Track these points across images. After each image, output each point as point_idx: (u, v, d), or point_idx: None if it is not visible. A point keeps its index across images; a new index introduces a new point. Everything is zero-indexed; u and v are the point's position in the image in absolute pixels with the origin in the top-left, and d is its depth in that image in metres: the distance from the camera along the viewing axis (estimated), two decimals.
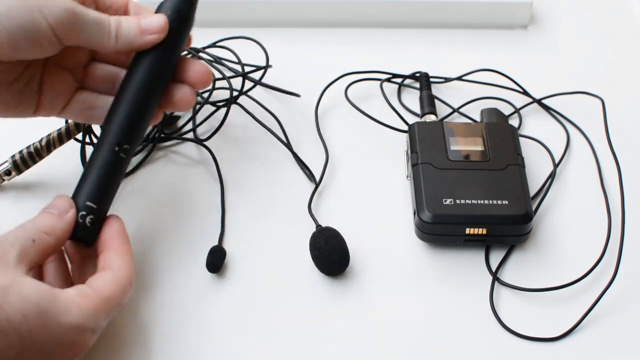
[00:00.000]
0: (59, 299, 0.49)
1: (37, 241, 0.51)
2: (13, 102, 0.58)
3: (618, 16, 0.84)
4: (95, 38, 0.56)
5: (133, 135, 0.57)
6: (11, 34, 0.53)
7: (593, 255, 0.62)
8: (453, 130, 0.67)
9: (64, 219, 0.54)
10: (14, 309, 0.46)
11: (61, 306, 0.49)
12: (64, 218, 0.54)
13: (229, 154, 0.70)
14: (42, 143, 0.66)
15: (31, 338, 0.47)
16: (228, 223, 0.65)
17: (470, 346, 0.58)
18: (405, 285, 0.61)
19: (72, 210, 0.54)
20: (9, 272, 0.48)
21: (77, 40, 0.55)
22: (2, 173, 0.66)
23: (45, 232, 0.52)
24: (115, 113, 0.57)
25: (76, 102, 0.61)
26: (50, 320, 0.48)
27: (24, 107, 0.59)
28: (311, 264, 0.61)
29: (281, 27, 0.81)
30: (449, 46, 0.81)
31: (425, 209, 0.61)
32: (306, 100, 0.74)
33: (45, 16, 0.53)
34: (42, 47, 0.54)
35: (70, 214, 0.54)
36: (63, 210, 0.54)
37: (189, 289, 0.61)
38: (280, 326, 0.59)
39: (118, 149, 0.56)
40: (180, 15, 0.58)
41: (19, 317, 0.46)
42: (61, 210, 0.54)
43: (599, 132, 0.72)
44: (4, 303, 0.46)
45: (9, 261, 0.49)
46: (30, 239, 0.51)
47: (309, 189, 0.67)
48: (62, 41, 0.55)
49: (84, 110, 0.61)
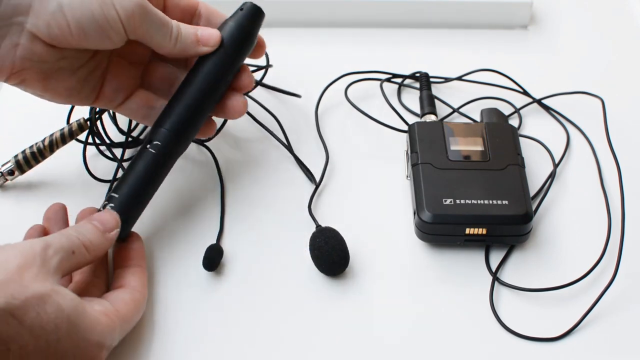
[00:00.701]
0: (88, 313, 0.50)
1: (76, 254, 0.52)
2: (76, 88, 0.60)
3: (618, 16, 0.84)
4: (158, 37, 0.59)
5: (180, 138, 0.60)
6: (81, 21, 0.55)
7: (593, 255, 0.62)
8: (453, 130, 0.67)
9: (106, 237, 0.55)
10: (49, 317, 0.48)
11: (89, 322, 0.50)
12: (107, 236, 0.55)
13: (229, 154, 0.70)
14: (44, 143, 0.66)
15: (57, 347, 0.48)
16: (228, 223, 0.65)
17: (470, 346, 0.58)
18: (405, 285, 0.61)
19: (117, 230, 0.56)
20: (49, 279, 0.49)
21: (143, 36, 0.58)
22: (5, 173, 0.66)
23: (86, 247, 0.53)
24: (166, 115, 0.60)
25: (136, 98, 0.63)
26: (78, 335, 0.49)
27: (86, 94, 0.61)
28: (311, 264, 0.61)
29: (281, 27, 0.81)
30: (449, 46, 0.81)
31: (425, 209, 0.61)
32: (306, 100, 0.74)
33: (116, 8, 0.55)
34: (109, 37, 0.57)
35: (113, 233, 0.56)
36: (109, 228, 0.55)
37: (185, 286, 0.61)
38: (279, 326, 0.59)
39: (156, 150, 0.59)
40: (242, 31, 0.62)
41: (52, 326, 0.48)
42: (106, 228, 0.55)
43: (599, 132, 0.72)
44: (42, 311, 0.47)
45: (50, 269, 0.50)
46: (72, 251, 0.52)
47: (309, 189, 0.67)
48: (129, 34, 0.57)
49: (141, 108, 0.63)
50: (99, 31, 0.56)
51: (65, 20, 0.55)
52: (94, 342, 0.50)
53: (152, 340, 0.57)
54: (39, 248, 0.50)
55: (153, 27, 0.58)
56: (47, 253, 0.50)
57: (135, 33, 0.58)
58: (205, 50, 0.61)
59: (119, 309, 0.53)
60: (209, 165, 0.69)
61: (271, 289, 0.61)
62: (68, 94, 0.60)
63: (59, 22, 0.55)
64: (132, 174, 0.59)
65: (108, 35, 0.56)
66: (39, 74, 0.57)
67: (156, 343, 0.57)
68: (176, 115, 0.60)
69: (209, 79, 0.61)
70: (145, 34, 0.58)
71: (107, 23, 0.56)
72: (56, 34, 0.55)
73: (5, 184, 0.67)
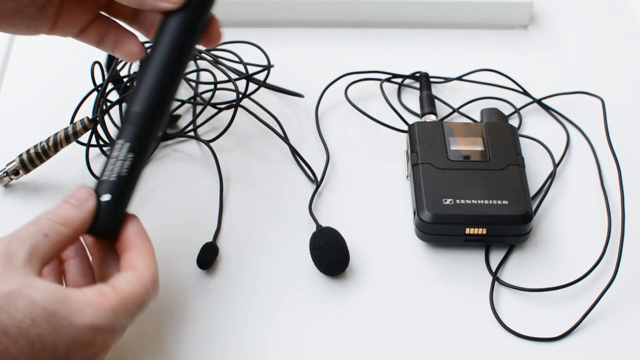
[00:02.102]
0: (72, 299, 0.47)
1: (50, 235, 0.49)
2: (27, 23, 0.57)
3: (618, 16, 0.84)
4: None
5: (154, 120, 0.54)
6: None
7: (593, 255, 0.62)
8: (453, 130, 0.67)
9: (81, 209, 0.51)
10: (22, 314, 0.45)
11: (73, 307, 0.47)
12: (82, 208, 0.51)
13: (229, 154, 0.70)
14: (49, 142, 0.66)
15: (42, 342, 0.45)
16: (228, 222, 0.65)
17: (470, 346, 0.58)
18: (405, 285, 0.61)
19: (92, 199, 0.52)
20: (17, 275, 0.46)
21: None
22: (9, 172, 0.66)
23: (61, 224, 0.50)
24: (137, 96, 0.55)
25: (94, 27, 0.59)
26: (60, 322, 0.46)
27: (38, 26, 0.58)
28: (311, 264, 0.61)
29: (281, 27, 0.81)
30: (449, 46, 0.81)
31: (425, 209, 0.61)
32: (306, 100, 0.74)
33: None
34: None
35: (89, 203, 0.52)
36: (82, 199, 0.52)
37: (179, 284, 0.61)
38: (278, 326, 0.59)
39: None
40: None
41: (28, 322, 0.45)
42: (79, 200, 0.52)
43: (599, 132, 0.72)
44: (13, 309, 0.45)
45: (17, 263, 0.47)
46: (42, 234, 0.49)
47: (309, 188, 0.67)
48: None
49: (96, 35, 0.60)
50: None
51: None
52: (84, 326, 0.46)
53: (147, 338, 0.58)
54: (1, 246, 0.47)
55: None
56: (11, 248, 0.47)
57: None
58: (166, 7, 0.55)
59: (119, 288, 0.49)
60: (209, 163, 0.69)
61: (270, 289, 0.61)
62: (21, 28, 0.57)
63: None
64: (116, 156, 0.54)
65: None
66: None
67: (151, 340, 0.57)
68: (147, 97, 0.54)
69: (176, 48, 0.55)
70: None
71: None
72: None
73: (10, 183, 0.67)
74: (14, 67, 0.77)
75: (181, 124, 0.72)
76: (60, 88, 0.75)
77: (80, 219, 0.51)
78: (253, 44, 0.75)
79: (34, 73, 0.77)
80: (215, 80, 0.72)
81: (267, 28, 0.81)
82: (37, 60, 0.79)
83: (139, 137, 0.53)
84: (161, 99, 0.54)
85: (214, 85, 0.72)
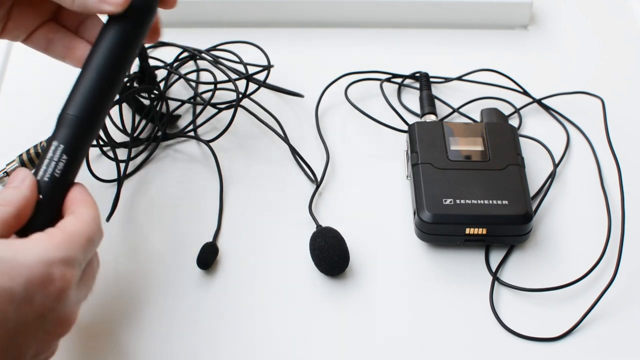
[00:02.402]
0: (16, 243, 0.46)
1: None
2: None
3: (618, 16, 0.84)
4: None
5: (90, 127, 0.54)
6: None
7: (593, 255, 0.62)
8: (453, 130, 0.67)
9: (21, 188, 0.50)
10: None
11: (19, 248, 0.46)
12: (22, 187, 0.50)
13: (229, 154, 0.70)
14: None
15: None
16: (228, 222, 0.65)
17: (470, 346, 0.58)
18: (405, 285, 0.61)
19: (29, 178, 0.51)
20: None
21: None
22: (10, 172, 0.66)
23: (2, 205, 0.49)
24: (72, 99, 0.55)
25: (41, 31, 0.60)
26: (8, 265, 0.45)
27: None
28: (311, 264, 0.61)
29: (281, 27, 0.81)
30: (449, 46, 0.81)
31: (425, 209, 0.61)
32: (306, 100, 0.74)
33: None
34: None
35: (27, 182, 0.51)
36: (20, 179, 0.51)
37: (179, 284, 0.61)
38: (278, 326, 0.59)
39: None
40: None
41: None
42: (16, 181, 0.51)
43: (599, 132, 0.72)
44: None
45: None
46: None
47: (309, 188, 0.67)
48: None
49: (43, 41, 0.60)
50: None
51: None
52: (35, 261, 0.45)
53: (147, 338, 0.58)
54: None
55: None
56: None
57: None
58: (109, 10, 0.54)
59: (62, 227, 0.49)
60: (209, 163, 0.69)
61: (270, 289, 0.61)
62: None
63: None
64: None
65: None
66: None
67: (150, 340, 0.57)
68: (83, 100, 0.54)
69: (115, 53, 0.55)
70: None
71: None
72: None
73: None
74: (14, 67, 0.77)
75: (181, 124, 0.72)
76: (60, 88, 0.75)
77: (21, 197, 0.50)
78: (253, 44, 0.75)
79: (34, 73, 0.77)
80: (215, 80, 0.72)
81: (267, 28, 0.81)
82: (37, 60, 0.78)
83: (74, 140, 0.53)
84: (97, 102, 0.54)
85: (214, 85, 0.72)
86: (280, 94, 0.74)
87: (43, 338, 0.47)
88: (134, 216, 0.65)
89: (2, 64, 0.77)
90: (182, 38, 0.77)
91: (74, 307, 0.49)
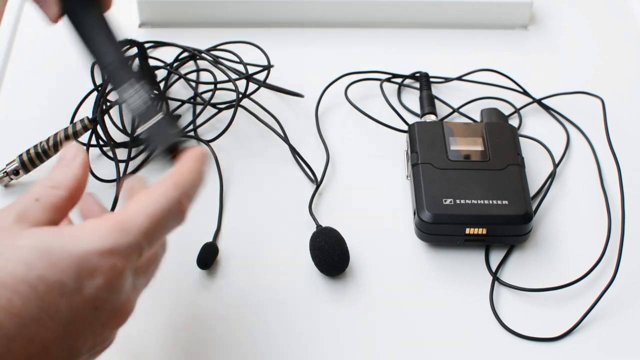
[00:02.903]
0: (64, 231, 0.43)
1: (42, 199, 0.46)
2: None
3: (618, 16, 0.84)
4: None
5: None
6: None
7: (593, 255, 0.62)
8: (453, 130, 0.67)
9: (72, 166, 0.48)
10: (13, 262, 0.41)
11: (66, 237, 0.43)
12: (72, 165, 0.48)
13: (229, 154, 0.70)
14: (49, 143, 0.66)
15: (45, 283, 0.41)
16: (227, 222, 0.65)
17: (470, 346, 0.58)
18: (405, 285, 0.61)
19: (81, 154, 0.48)
20: (2, 234, 0.43)
21: None
22: (10, 172, 0.66)
23: (52, 187, 0.47)
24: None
25: None
26: (58, 256, 0.42)
27: None
28: (311, 264, 0.61)
29: (281, 27, 0.81)
30: (449, 46, 0.81)
31: (425, 209, 0.61)
32: (306, 100, 0.74)
33: None
34: None
35: (78, 158, 0.48)
36: (70, 157, 0.48)
37: (179, 284, 0.61)
38: (278, 326, 0.59)
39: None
40: None
41: (22, 267, 0.41)
42: (67, 158, 0.48)
43: (599, 132, 0.72)
44: (1, 261, 0.41)
45: (3, 227, 0.44)
46: (33, 199, 0.46)
47: (309, 188, 0.67)
48: None
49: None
50: None
51: None
52: (84, 251, 0.42)
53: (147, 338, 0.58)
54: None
55: None
56: (0, 217, 0.45)
57: None
58: None
59: (125, 209, 0.45)
60: (209, 163, 0.69)
61: (270, 289, 0.61)
62: None
63: None
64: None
65: None
66: None
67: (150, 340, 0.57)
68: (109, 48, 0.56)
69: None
70: None
71: None
72: None
73: (10, 183, 0.67)
74: (14, 67, 0.77)
75: (181, 124, 0.72)
76: (60, 88, 0.75)
77: (71, 177, 0.47)
78: (253, 44, 0.75)
79: (34, 73, 0.77)
80: (215, 80, 0.72)
81: (267, 28, 0.81)
82: (37, 60, 0.79)
83: (131, 72, 0.55)
84: (117, 45, 0.56)
85: (214, 85, 0.72)
86: (279, 95, 0.74)
87: (99, 330, 0.44)
88: None
89: (3, 63, 0.77)
90: (182, 38, 0.77)
91: (131, 296, 0.46)
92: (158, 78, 0.73)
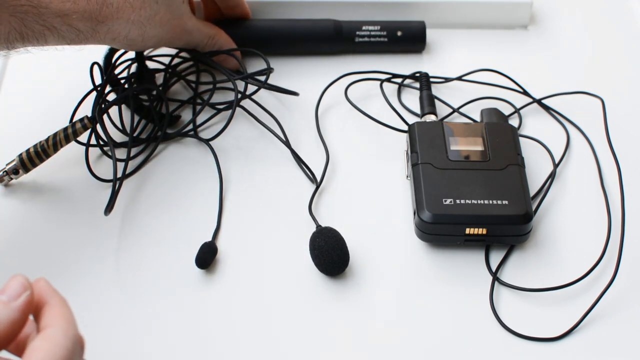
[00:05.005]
0: None
1: None
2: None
3: (618, 16, 0.84)
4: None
5: None
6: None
7: (593, 255, 0.62)
8: (453, 130, 0.67)
9: (10, 307, 0.42)
10: None
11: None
12: (11, 306, 0.42)
13: (229, 154, 0.70)
14: (48, 142, 0.66)
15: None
16: (227, 222, 0.65)
17: (470, 346, 0.58)
18: (405, 285, 0.61)
19: (25, 293, 0.43)
20: None
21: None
22: (9, 171, 0.66)
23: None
24: None
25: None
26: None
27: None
28: (311, 264, 0.61)
29: None
30: (449, 46, 0.81)
31: (425, 209, 0.61)
32: (306, 100, 0.74)
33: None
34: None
35: (21, 299, 0.43)
36: (13, 295, 0.43)
37: (177, 283, 0.61)
38: (278, 326, 0.59)
39: None
40: None
41: None
42: (11, 296, 0.43)
43: (599, 132, 0.72)
44: None
45: None
46: None
47: (309, 188, 0.67)
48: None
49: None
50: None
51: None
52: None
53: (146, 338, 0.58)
54: None
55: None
56: None
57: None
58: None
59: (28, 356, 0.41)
60: (209, 163, 0.69)
61: (270, 289, 0.61)
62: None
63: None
64: None
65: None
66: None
67: (149, 340, 0.57)
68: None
69: None
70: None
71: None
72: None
73: (10, 183, 0.67)
74: (14, 67, 0.77)
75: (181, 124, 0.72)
76: (60, 88, 0.75)
77: (9, 320, 0.42)
78: (253, 50, 0.74)
79: (34, 73, 0.77)
80: (215, 80, 0.72)
81: None
82: (37, 60, 0.78)
83: None
84: None
85: (212, 85, 0.72)
86: (279, 95, 0.74)
87: None
88: (134, 215, 0.65)
89: (2, 63, 0.77)
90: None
91: None
92: (158, 78, 0.73)
